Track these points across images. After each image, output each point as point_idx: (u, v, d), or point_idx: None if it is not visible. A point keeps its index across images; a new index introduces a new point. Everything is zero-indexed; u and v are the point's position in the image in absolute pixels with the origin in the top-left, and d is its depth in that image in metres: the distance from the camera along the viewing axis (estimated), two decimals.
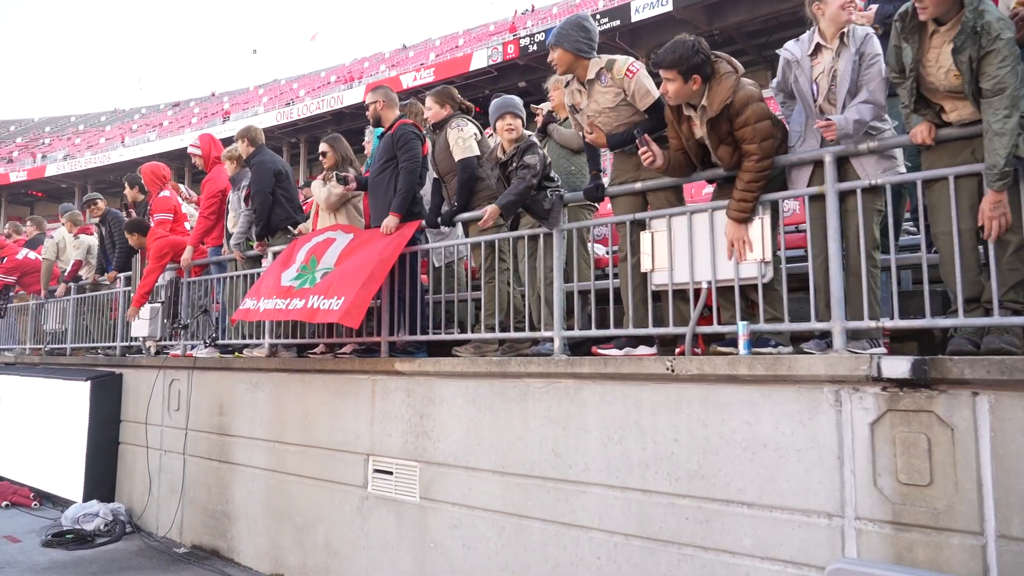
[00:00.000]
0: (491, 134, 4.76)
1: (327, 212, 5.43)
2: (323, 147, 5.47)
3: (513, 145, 4.19)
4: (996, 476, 2.55)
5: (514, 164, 4.14)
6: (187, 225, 7.03)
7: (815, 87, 3.34)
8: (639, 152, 3.63)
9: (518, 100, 4.39)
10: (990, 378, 2.56)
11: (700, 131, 3.49)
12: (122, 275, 7.52)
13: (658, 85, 3.72)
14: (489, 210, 4.18)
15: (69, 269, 8.42)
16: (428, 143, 5.17)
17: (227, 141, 6.81)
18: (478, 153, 4.61)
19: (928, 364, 2.68)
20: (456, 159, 4.63)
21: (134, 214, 7.61)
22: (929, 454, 2.68)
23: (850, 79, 3.25)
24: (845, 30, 3.28)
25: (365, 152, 6.45)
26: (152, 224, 6.72)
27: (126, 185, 7.91)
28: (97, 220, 8.14)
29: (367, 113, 5.22)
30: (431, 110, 4.84)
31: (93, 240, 8.46)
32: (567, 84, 4.12)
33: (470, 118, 4.81)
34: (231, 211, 6.29)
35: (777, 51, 3.59)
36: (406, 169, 4.81)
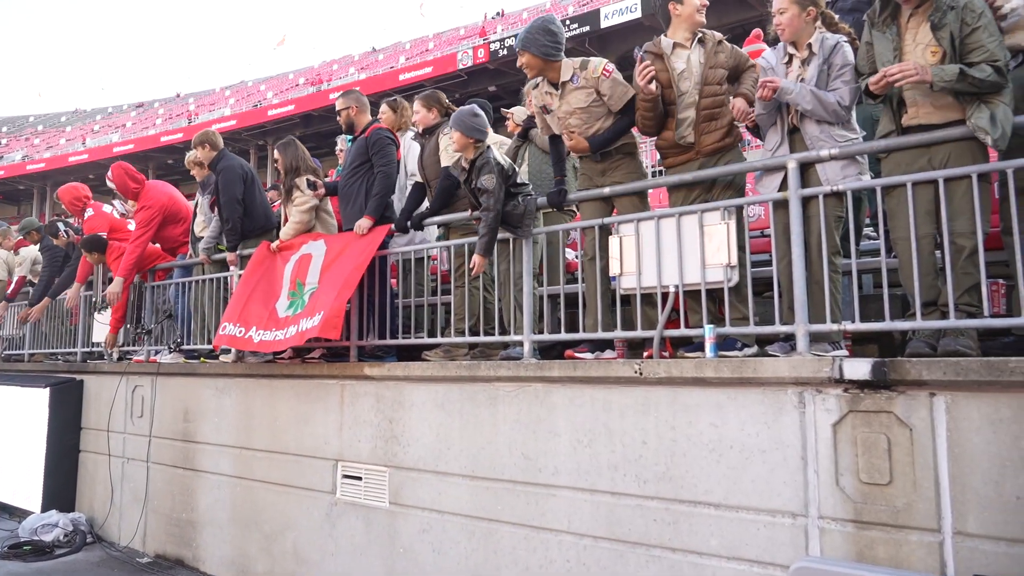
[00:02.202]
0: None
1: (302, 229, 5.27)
2: (276, 154, 5.37)
3: (469, 161, 4.20)
4: (952, 474, 2.62)
5: (473, 182, 4.15)
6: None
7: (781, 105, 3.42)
8: (638, 67, 3.70)
9: (465, 116, 4.25)
10: (946, 379, 2.63)
11: (683, 63, 3.72)
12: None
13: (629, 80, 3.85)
14: (476, 261, 4.11)
15: (12, 287, 8.19)
16: (402, 149, 5.14)
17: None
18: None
19: (888, 366, 2.75)
20: (442, 165, 4.62)
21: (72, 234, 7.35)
22: (889, 454, 2.75)
23: (816, 87, 3.32)
24: (812, 40, 3.35)
25: (339, 159, 6.38)
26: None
27: (51, 237, 7.58)
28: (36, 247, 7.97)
29: (339, 119, 5.16)
30: (418, 114, 4.85)
31: (35, 251, 8.14)
32: (536, 87, 4.15)
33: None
34: (199, 214, 6.17)
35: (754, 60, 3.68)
36: (383, 173, 4.80)
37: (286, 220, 5.30)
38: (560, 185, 4.15)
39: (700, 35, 3.76)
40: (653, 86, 3.65)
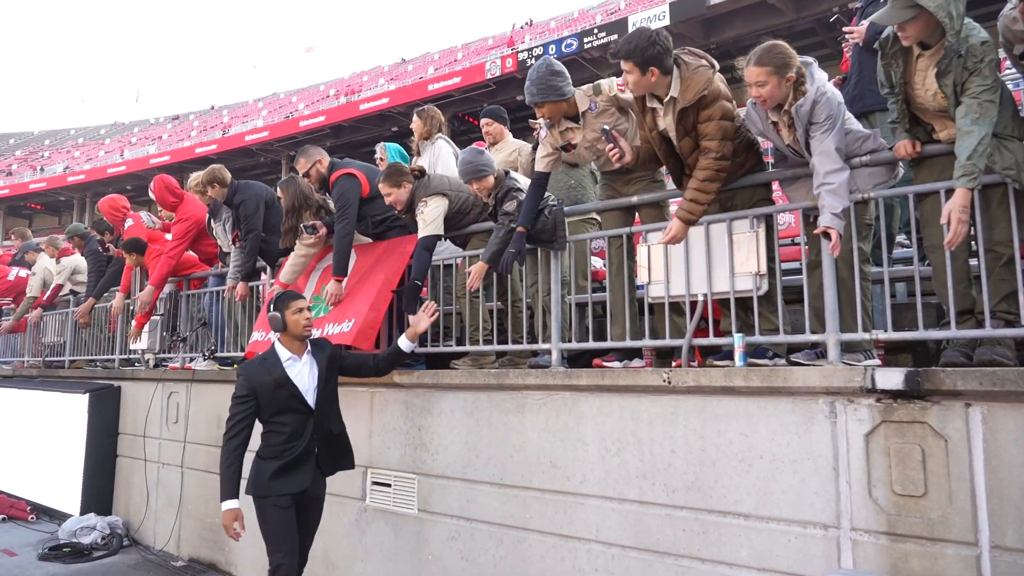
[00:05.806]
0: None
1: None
2: (278, 192, 5.19)
3: (492, 196, 4.23)
4: (989, 486, 2.57)
5: (498, 213, 4.17)
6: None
7: (791, 150, 3.37)
8: (607, 149, 3.60)
9: (482, 156, 4.29)
10: (982, 389, 2.59)
11: (663, 122, 3.49)
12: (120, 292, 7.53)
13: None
14: (475, 270, 4.13)
15: (48, 293, 8.35)
16: (430, 157, 5.17)
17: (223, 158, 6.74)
18: (441, 233, 4.43)
19: (921, 376, 2.71)
20: (419, 235, 4.42)
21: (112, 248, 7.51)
22: (923, 465, 2.70)
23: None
24: (792, 110, 3.17)
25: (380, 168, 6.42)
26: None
27: (98, 234, 7.68)
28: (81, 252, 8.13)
29: (308, 180, 5.07)
30: (390, 196, 4.51)
31: (77, 260, 8.29)
32: (550, 128, 4.05)
33: (439, 187, 4.48)
34: (219, 238, 6.26)
35: None
36: (339, 233, 4.78)
37: None
38: (519, 235, 3.97)
39: (669, 99, 3.43)
40: (628, 158, 3.60)
